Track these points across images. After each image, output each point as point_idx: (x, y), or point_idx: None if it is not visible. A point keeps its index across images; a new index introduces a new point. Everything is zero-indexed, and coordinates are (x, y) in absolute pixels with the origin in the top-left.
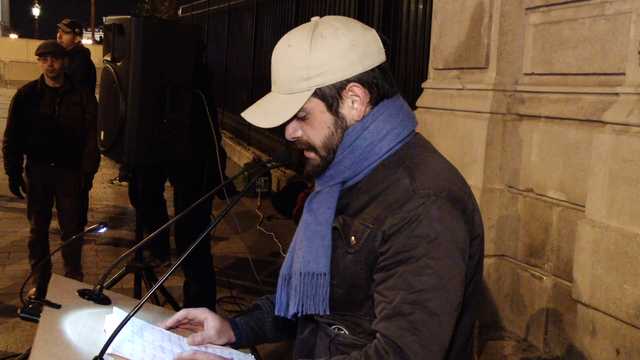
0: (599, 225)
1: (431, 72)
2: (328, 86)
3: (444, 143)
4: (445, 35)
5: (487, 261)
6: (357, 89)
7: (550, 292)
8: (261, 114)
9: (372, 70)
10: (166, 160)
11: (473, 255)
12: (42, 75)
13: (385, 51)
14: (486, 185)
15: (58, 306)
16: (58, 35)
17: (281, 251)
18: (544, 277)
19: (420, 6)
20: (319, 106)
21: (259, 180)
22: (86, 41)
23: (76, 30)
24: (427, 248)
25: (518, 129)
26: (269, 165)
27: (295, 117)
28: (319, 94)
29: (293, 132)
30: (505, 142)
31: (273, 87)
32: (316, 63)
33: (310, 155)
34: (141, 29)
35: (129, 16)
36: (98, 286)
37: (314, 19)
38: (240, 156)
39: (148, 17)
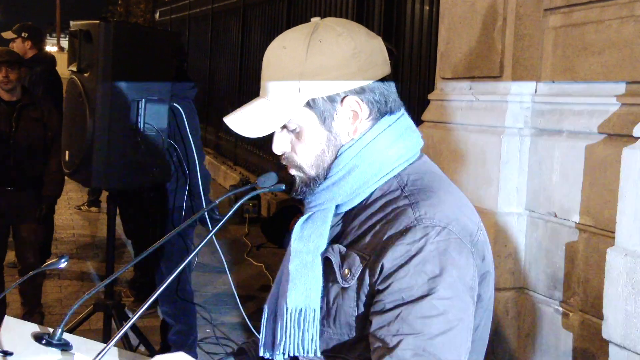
0: (631, 254)
1: (438, 82)
2: (322, 97)
3: (453, 162)
4: (454, 40)
5: (504, 295)
6: (355, 104)
7: (578, 330)
8: (245, 122)
9: (374, 83)
10: (141, 184)
11: (481, 294)
12: None
13: (391, 63)
14: (502, 209)
15: (10, 354)
16: (10, 45)
17: (272, 284)
18: (570, 314)
19: (426, 7)
20: (310, 119)
21: (247, 204)
22: (51, 48)
23: (23, 34)
24: (432, 286)
25: (537, 146)
26: (258, 188)
27: (285, 128)
28: (311, 105)
29: (281, 145)
30: (523, 160)
31: (261, 92)
32: (312, 70)
33: (296, 173)
34: (111, 35)
35: (98, 21)
36: (58, 329)
37: (314, 19)
38: (225, 177)
39: (119, 22)
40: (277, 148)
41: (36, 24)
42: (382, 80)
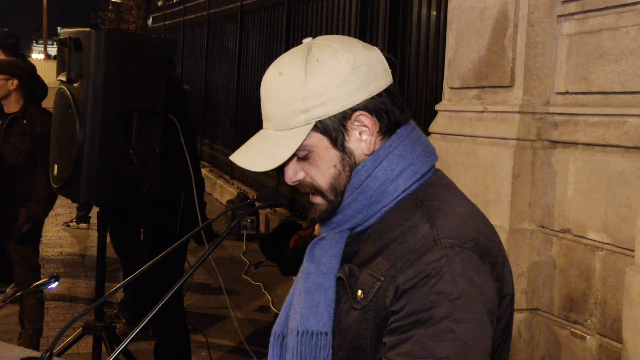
0: None
1: (446, 92)
2: (330, 118)
3: (462, 176)
4: (463, 48)
5: (517, 316)
6: (364, 118)
7: (596, 354)
8: (253, 156)
9: (379, 95)
10: (133, 200)
11: (501, 317)
12: None
13: (392, 72)
14: (514, 226)
15: None
16: None
17: (271, 305)
18: (587, 337)
19: (433, 13)
20: (321, 142)
21: (245, 220)
22: (37, 56)
23: None
24: (449, 308)
25: (551, 159)
26: (257, 204)
27: (295, 156)
28: (320, 127)
29: (294, 174)
30: (536, 174)
31: (265, 124)
32: (314, 92)
33: (317, 200)
34: (102, 43)
35: (88, 28)
36: (47, 353)
37: (306, 40)
38: (222, 192)
39: (110, 29)
40: (290, 178)
41: (22, 29)
42: (387, 90)
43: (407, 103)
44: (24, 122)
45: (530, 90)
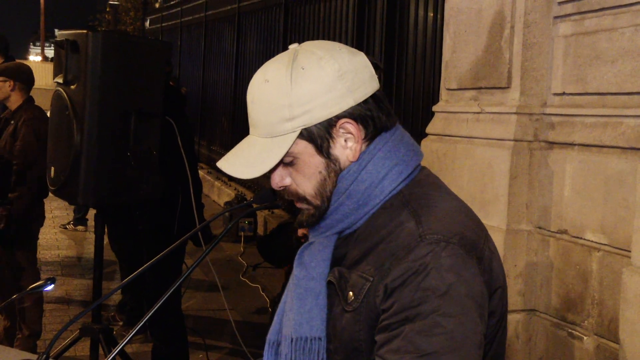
0: None
1: (443, 93)
2: (315, 125)
3: (459, 177)
4: (460, 49)
5: (515, 317)
6: (350, 126)
7: (593, 355)
8: (240, 163)
9: (365, 101)
10: (131, 202)
11: (494, 310)
12: None
13: (379, 76)
14: (511, 226)
15: None
16: None
17: (269, 306)
18: (585, 337)
19: (431, 14)
20: (307, 149)
21: (242, 222)
22: (34, 58)
23: None
24: (437, 303)
25: (548, 159)
26: (255, 205)
27: (281, 163)
28: (305, 135)
29: (280, 180)
30: (533, 174)
31: (252, 130)
32: (300, 100)
33: (303, 206)
34: (99, 45)
35: (85, 31)
36: (44, 355)
37: (292, 46)
38: (220, 193)
39: (108, 31)
40: (277, 184)
41: (19, 31)
42: (373, 96)
43: (404, 104)
44: (12, 122)
45: (527, 92)
